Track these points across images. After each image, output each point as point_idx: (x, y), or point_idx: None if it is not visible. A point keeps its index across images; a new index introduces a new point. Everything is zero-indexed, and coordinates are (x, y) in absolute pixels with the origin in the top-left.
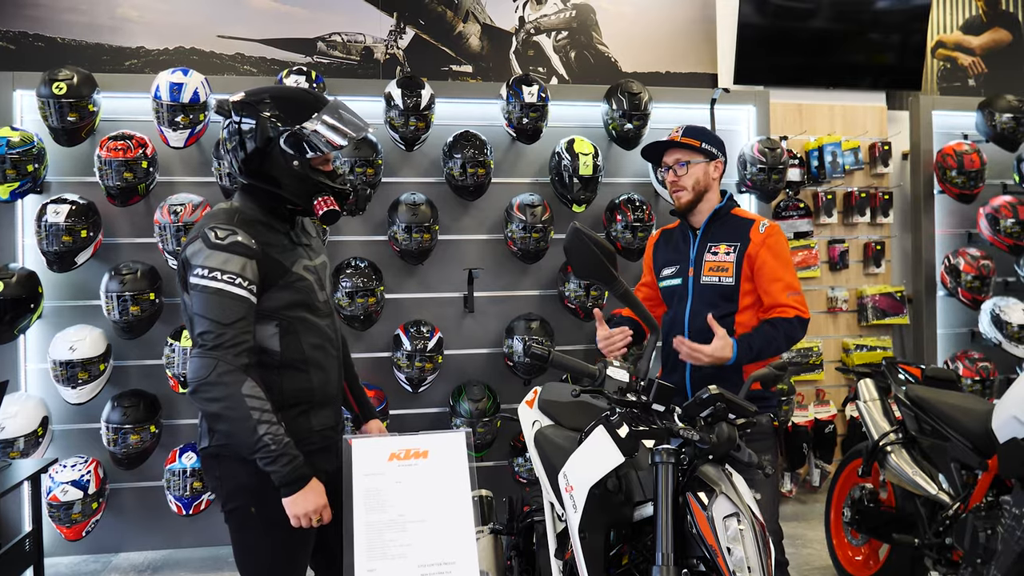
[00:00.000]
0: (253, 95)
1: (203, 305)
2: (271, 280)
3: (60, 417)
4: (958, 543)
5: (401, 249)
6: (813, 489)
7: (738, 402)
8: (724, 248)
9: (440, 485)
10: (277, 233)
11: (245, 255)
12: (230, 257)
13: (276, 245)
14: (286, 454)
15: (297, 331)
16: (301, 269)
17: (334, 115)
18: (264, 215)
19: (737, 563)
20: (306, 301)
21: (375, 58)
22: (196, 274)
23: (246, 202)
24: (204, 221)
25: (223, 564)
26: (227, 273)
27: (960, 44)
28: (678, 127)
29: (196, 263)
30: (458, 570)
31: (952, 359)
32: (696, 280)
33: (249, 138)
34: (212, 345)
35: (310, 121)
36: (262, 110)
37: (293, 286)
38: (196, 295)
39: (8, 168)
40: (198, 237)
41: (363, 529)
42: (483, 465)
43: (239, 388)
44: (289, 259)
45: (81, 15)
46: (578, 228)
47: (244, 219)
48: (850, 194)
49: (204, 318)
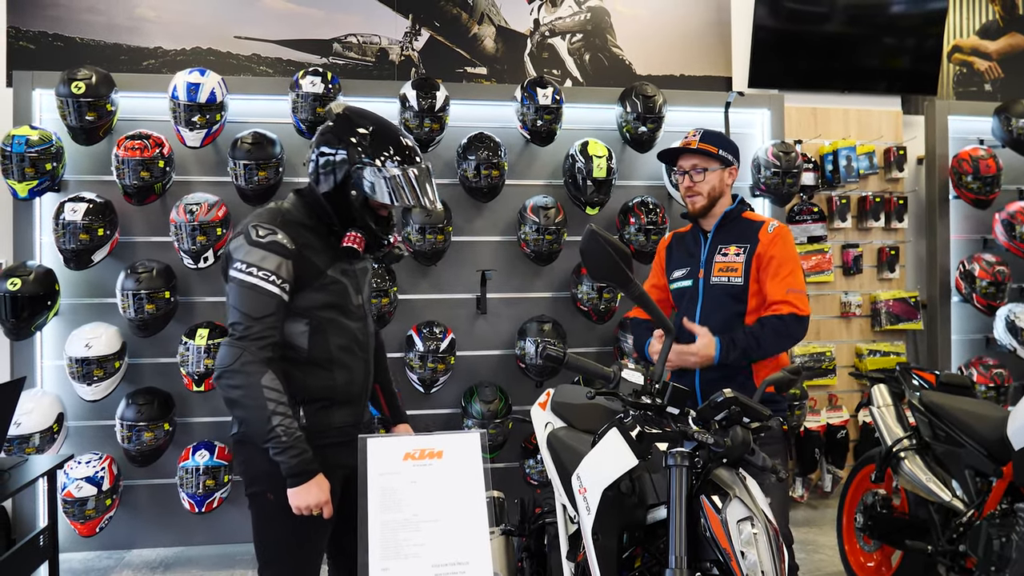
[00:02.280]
0: (357, 117)
1: (237, 297)
2: (306, 281)
3: (75, 414)
4: (972, 550)
5: (415, 250)
6: (825, 494)
7: (753, 406)
8: (734, 249)
9: (454, 485)
10: (319, 236)
11: (282, 254)
12: (267, 255)
13: (315, 247)
14: (295, 447)
15: (326, 331)
16: (337, 272)
17: (406, 175)
18: (309, 218)
19: (751, 567)
20: (339, 303)
21: (390, 59)
22: (235, 267)
23: (296, 204)
24: (250, 219)
25: (235, 562)
26: (263, 270)
27: (977, 49)
28: (695, 131)
29: (236, 257)
30: (472, 570)
31: (966, 365)
32: (706, 281)
33: (333, 155)
34: (240, 336)
35: (383, 168)
36: (355, 136)
37: (327, 288)
38: (233, 287)
39: (27, 166)
40: (241, 233)
41: (378, 528)
42: (495, 466)
43: (259, 379)
44: (326, 262)
45: (99, 15)
46: (594, 230)
47: (287, 220)
48: (864, 199)
49: (237, 310)
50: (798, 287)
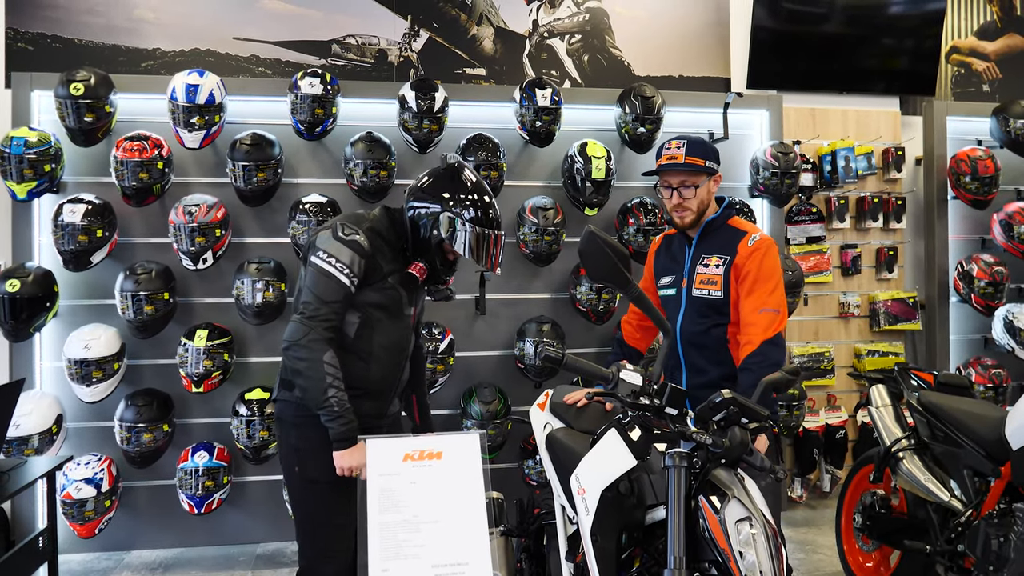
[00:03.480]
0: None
1: (313, 280)
2: (369, 280)
3: (74, 415)
4: (970, 550)
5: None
6: (824, 495)
7: (751, 406)
8: (715, 260)
9: (454, 486)
10: (392, 249)
11: (358, 252)
12: (346, 250)
13: (386, 256)
14: (344, 416)
15: (373, 327)
16: (397, 282)
17: (483, 239)
18: (389, 232)
19: (749, 567)
20: (391, 307)
21: (389, 60)
22: (317, 255)
23: (382, 218)
24: (340, 217)
25: (235, 563)
26: (340, 262)
27: (975, 49)
28: (678, 142)
29: (319, 246)
30: (471, 571)
31: (965, 365)
32: (689, 292)
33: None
34: (310, 315)
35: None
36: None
37: (384, 291)
38: (311, 271)
39: (26, 168)
40: (329, 228)
41: (377, 529)
42: (493, 467)
43: (321, 355)
44: (390, 269)
45: (98, 17)
46: (593, 231)
47: (370, 227)
48: (863, 199)
49: (311, 291)
50: (772, 305)
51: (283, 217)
